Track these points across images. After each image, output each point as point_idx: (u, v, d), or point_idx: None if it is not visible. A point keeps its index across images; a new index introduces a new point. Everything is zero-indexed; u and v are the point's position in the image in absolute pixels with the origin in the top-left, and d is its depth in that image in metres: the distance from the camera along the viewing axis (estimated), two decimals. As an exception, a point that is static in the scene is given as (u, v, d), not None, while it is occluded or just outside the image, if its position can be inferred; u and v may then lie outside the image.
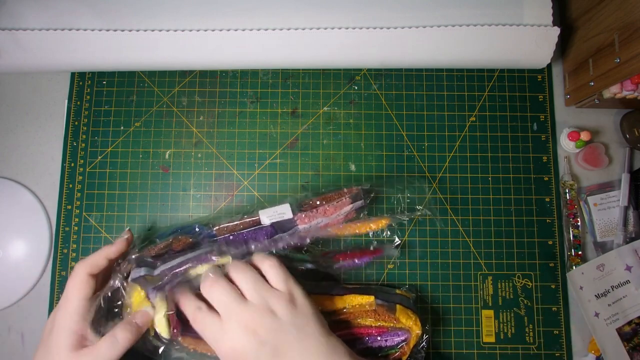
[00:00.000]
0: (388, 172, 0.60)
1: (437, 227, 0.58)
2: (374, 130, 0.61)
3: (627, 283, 0.55)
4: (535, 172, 0.60)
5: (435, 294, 0.57)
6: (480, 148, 0.60)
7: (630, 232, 0.58)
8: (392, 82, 0.62)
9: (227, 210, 0.59)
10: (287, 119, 0.61)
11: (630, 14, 0.49)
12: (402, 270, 0.58)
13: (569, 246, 0.58)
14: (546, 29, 0.54)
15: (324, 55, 0.56)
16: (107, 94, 0.62)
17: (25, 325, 0.58)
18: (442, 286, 0.58)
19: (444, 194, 0.59)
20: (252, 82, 0.62)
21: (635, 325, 0.55)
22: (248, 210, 0.53)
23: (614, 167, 0.60)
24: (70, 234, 0.59)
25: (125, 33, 0.55)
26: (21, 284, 0.58)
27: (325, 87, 0.62)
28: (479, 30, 0.54)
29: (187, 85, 0.62)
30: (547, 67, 0.61)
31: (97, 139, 0.61)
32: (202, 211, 0.59)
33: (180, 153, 0.61)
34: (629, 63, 0.49)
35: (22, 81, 0.63)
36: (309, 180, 0.60)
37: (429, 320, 0.57)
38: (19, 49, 0.55)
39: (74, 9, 0.56)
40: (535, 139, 0.60)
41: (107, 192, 0.60)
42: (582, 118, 0.61)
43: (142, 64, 0.57)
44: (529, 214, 0.59)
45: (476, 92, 0.61)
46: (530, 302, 0.57)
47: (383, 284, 0.57)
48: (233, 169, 0.60)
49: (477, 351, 0.56)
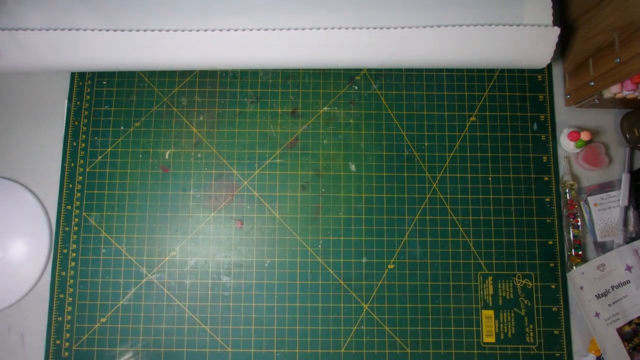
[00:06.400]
0: (388, 172, 0.60)
1: (437, 227, 0.58)
2: (374, 130, 0.61)
3: (627, 283, 0.55)
4: (535, 172, 0.60)
5: (436, 294, 0.57)
6: (480, 148, 0.60)
7: (631, 232, 0.58)
8: (392, 82, 0.62)
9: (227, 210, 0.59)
10: (287, 119, 0.61)
11: (630, 14, 0.49)
12: (402, 271, 0.58)
13: (569, 246, 0.58)
14: (546, 29, 0.54)
15: (324, 55, 0.56)
16: (107, 94, 0.62)
17: (25, 325, 0.58)
18: (442, 286, 0.58)
19: (444, 194, 0.59)
20: (252, 82, 0.62)
21: (635, 325, 0.55)
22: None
23: (614, 167, 0.60)
24: (70, 234, 0.59)
25: (125, 33, 0.55)
26: (21, 284, 0.58)
27: (325, 87, 0.62)
28: (479, 30, 0.54)
29: (187, 85, 0.62)
30: (547, 67, 0.61)
31: (97, 139, 0.61)
32: (202, 211, 0.59)
33: (180, 153, 0.61)
34: (629, 63, 0.49)
35: (22, 81, 0.63)
36: (309, 180, 0.60)
37: (429, 321, 0.56)
38: (19, 49, 0.55)
39: (74, 9, 0.56)
40: (535, 139, 0.60)
41: (107, 192, 0.60)
42: (582, 118, 0.61)
43: (142, 64, 0.57)
44: (529, 214, 0.59)
45: (476, 92, 0.61)
46: (531, 302, 0.57)
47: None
48: (233, 169, 0.60)
49: (477, 351, 0.56)
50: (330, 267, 0.58)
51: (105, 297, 0.58)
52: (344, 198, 0.59)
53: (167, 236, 0.59)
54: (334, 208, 0.59)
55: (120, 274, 0.58)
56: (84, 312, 0.58)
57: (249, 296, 0.58)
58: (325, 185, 0.60)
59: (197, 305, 0.58)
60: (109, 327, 0.57)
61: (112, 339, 0.57)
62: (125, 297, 0.58)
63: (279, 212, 0.59)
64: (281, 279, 0.58)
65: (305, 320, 0.57)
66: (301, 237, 0.59)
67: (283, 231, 0.59)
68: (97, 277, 0.58)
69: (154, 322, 0.57)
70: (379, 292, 0.58)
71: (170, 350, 0.57)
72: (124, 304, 0.58)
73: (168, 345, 0.57)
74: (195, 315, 0.58)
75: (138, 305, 0.58)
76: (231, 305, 0.58)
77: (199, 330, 0.57)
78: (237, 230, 0.59)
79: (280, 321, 0.57)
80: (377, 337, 0.57)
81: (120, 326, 0.57)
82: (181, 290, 0.58)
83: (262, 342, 0.57)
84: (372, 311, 0.57)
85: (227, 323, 0.57)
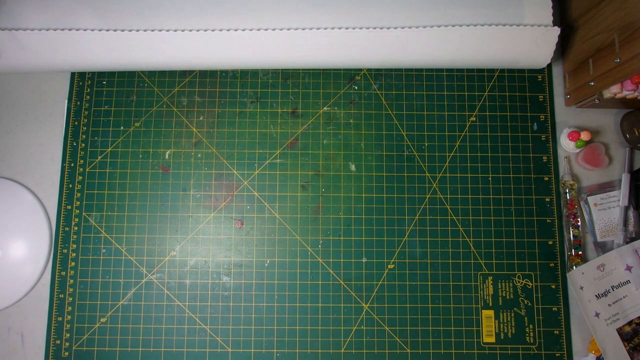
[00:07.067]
0: (388, 172, 0.60)
1: (437, 227, 0.59)
2: (374, 130, 0.61)
3: (627, 283, 0.55)
4: (535, 172, 0.60)
5: (436, 294, 0.57)
6: (480, 148, 0.60)
7: (631, 232, 0.58)
8: (392, 82, 0.62)
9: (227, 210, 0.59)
10: (287, 119, 0.61)
11: (630, 14, 0.49)
12: (402, 271, 0.58)
13: (569, 246, 0.58)
14: (546, 29, 0.54)
15: (324, 55, 0.56)
16: (107, 94, 0.62)
17: (25, 325, 0.58)
18: (442, 286, 0.58)
19: (444, 194, 0.59)
20: (252, 82, 0.62)
21: (635, 325, 0.55)
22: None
23: (614, 167, 0.60)
24: (70, 234, 0.59)
25: (125, 33, 0.55)
26: (21, 284, 0.58)
27: (325, 87, 0.62)
28: (479, 30, 0.54)
29: (187, 85, 0.62)
30: (547, 67, 0.61)
31: (97, 139, 0.61)
32: (202, 211, 0.59)
33: (180, 153, 0.61)
34: (629, 63, 0.49)
35: (22, 81, 0.63)
36: (309, 180, 0.60)
37: (429, 321, 0.56)
38: (19, 49, 0.55)
39: (74, 9, 0.56)
40: (535, 139, 0.60)
41: (107, 192, 0.60)
42: (582, 118, 0.61)
43: (142, 64, 0.57)
44: (529, 214, 0.59)
45: (476, 92, 0.61)
46: (531, 302, 0.57)
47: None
48: (233, 169, 0.60)
49: (477, 351, 0.56)
50: (330, 267, 0.58)
51: (105, 297, 0.58)
52: (344, 198, 0.59)
53: (167, 236, 0.59)
54: (334, 208, 0.59)
55: (120, 274, 0.58)
56: (84, 312, 0.58)
57: (249, 296, 0.58)
58: (325, 185, 0.60)
59: (197, 305, 0.58)
60: (109, 327, 0.57)
61: (112, 339, 0.57)
62: (125, 297, 0.58)
63: (279, 212, 0.59)
64: (281, 279, 0.58)
65: (305, 320, 0.57)
66: (301, 237, 0.59)
67: (283, 231, 0.59)
68: (97, 277, 0.58)
69: (154, 322, 0.57)
70: (379, 292, 0.58)
71: (170, 350, 0.57)
72: (124, 304, 0.58)
73: (168, 345, 0.57)
74: (195, 315, 0.58)
75: (138, 305, 0.58)
76: (231, 305, 0.58)
77: (199, 330, 0.57)
78: (237, 230, 0.59)
79: (280, 321, 0.57)
80: (377, 337, 0.57)
81: (120, 326, 0.57)
82: (181, 290, 0.58)
83: (262, 342, 0.57)
84: (372, 311, 0.57)
85: (227, 323, 0.57)
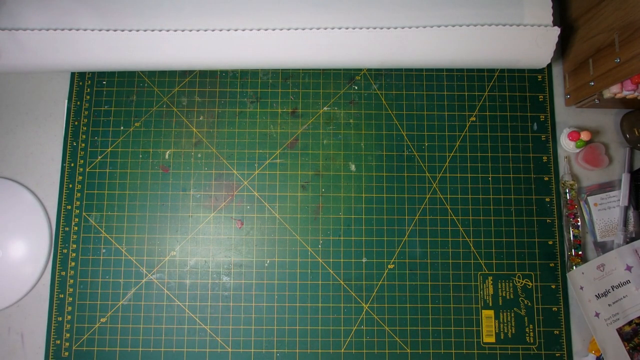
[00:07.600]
0: (388, 172, 0.60)
1: (437, 227, 0.59)
2: (374, 130, 0.61)
3: (627, 283, 0.55)
4: (535, 172, 0.60)
5: (436, 294, 0.57)
6: (480, 148, 0.60)
7: (631, 232, 0.58)
8: (392, 82, 0.62)
9: (227, 210, 0.59)
10: (287, 119, 0.61)
11: (630, 14, 0.49)
12: (402, 271, 0.58)
13: (569, 246, 0.58)
14: (546, 29, 0.54)
15: (324, 55, 0.56)
16: (107, 94, 0.62)
17: (25, 325, 0.58)
18: (442, 286, 0.58)
19: (444, 194, 0.59)
20: (252, 82, 0.62)
21: (635, 325, 0.55)
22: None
23: (614, 167, 0.60)
24: (70, 234, 0.59)
25: (125, 33, 0.55)
26: (21, 284, 0.58)
27: (325, 87, 0.62)
28: (479, 30, 0.54)
29: (187, 85, 0.62)
30: (547, 67, 0.61)
31: (97, 139, 0.61)
32: (202, 211, 0.59)
33: (180, 153, 0.61)
34: (629, 63, 0.49)
35: (22, 81, 0.63)
36: (309, 180, 0.60)
37: (429, 321, 0.56)
38: (19, 49, 0.55)
39: (74, 9, 0.56)
40: (535, 139, 0.60)
41: (107, 192, 0.60)
42: (582, 118, 0.61)
43: (142, 64, 0.57)
44: (529, 214, 0.59)
45: (476, 92, 0.61)
46: (531, 302, 0.57)
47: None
48: (233, 169, 0.60)
49: (477, 351, 0.56)
50: (330, 267, 0.58)
51: (105, 297, 0.58)
52: (344, 198, 0.59)
53: (167, 236, 0.59)
54: (334, 208, 0.59)
55: (120, 274, 0.58)
56: (84, 312, 0.58)
57: (249, 296, 0.58)
58: (325, 185, 0.60)
59: (197, 305, 0.58)
60: (109, 327, 0.57)
61: (112, 339, 0.57)
62: (125, 297, 0.58)
63: (279, 212, 0.59)
64: (281, 279, 0.58)
65: (305, 320, 0.57)
66: (301, 237, 0.59)
67: (283, 231, 0.59)
68: (97, 277, 0.58)
69: (154, 322, 0.57)
70: (379, 292, 0.58)
71: (170, 350, 0.57)
72: (124, 304, 0.58)
73: (168, 346, 0.57)
74: (195, 315, 0.58)
75: (138, 305, 0.58)
76: (231, 305, 0.58)
77: (199, 330, 0.57)
78: (237, 230, 0.59)
79: (280, 321, 0.57)
80: (377, 337, 0.57)
81: (120, 326, 0.57)
82: (181, 290, 0.58)
83: (262, 342, 0.57)
84: (372, 311, 0.57)
85: (227, 323, 0.57)
